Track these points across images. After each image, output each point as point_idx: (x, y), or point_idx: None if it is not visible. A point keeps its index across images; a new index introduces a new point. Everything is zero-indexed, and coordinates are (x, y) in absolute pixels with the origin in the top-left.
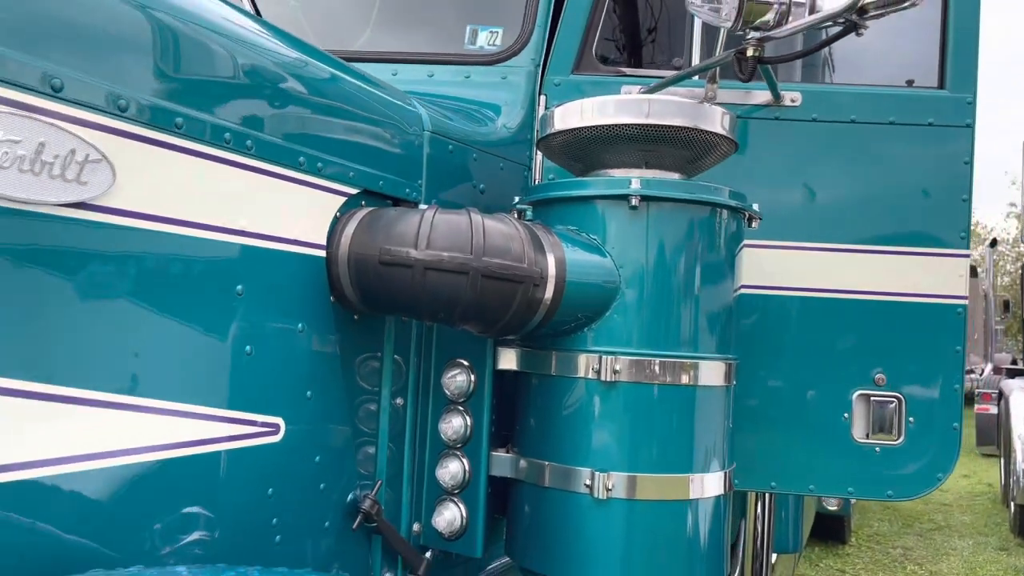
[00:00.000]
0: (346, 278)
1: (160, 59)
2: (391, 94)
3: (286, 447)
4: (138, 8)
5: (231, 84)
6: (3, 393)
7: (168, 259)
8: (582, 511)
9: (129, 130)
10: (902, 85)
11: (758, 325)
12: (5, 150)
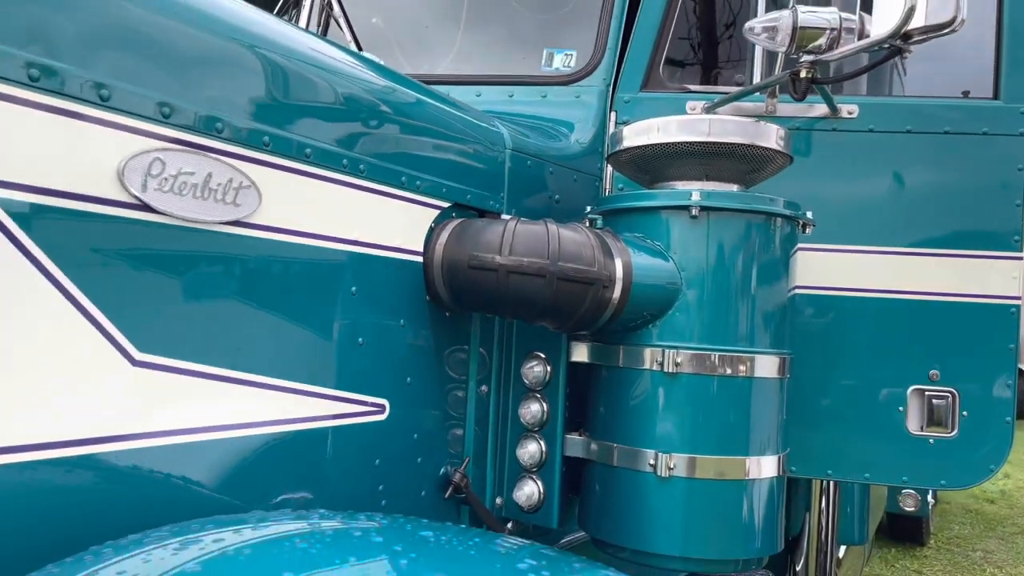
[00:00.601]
0: (439, 280)
1: (293, 101)
2: (477, 117)
3: (390, 425)
4: (278, 62)
5: (347, 118)
6: (180, 373)
7: (300, 265)
8: (647, 488)
9: (271, 160)
10: (958, 96)
11: (819, 324)
12: (183, 180)
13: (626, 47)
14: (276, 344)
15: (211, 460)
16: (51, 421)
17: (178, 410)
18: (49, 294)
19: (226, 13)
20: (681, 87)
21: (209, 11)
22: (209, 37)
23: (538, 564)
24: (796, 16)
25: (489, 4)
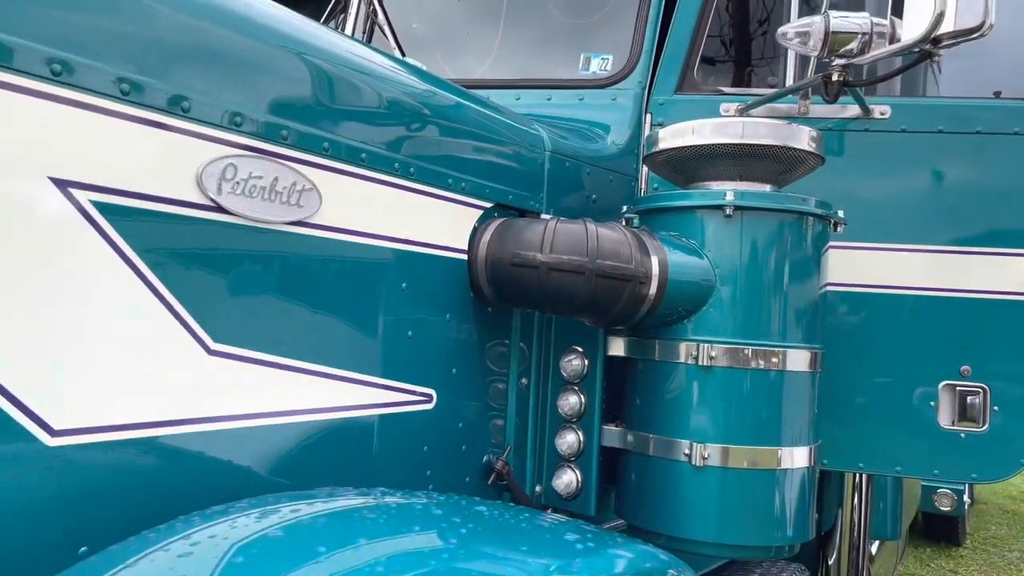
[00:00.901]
0: (483, 277)
1: (349, 108)
2: (517, 120)
3: (437, 413)
4: (335, 72)
5: (398, 123)
6: (250, 362)
7: (356, 263)
8: (682, 476)
9: (329, 164)
10: (990, 97)
11: (853, 320)
12: (253, 183)
13: (661, 51)
14: (334, 336)
15: (276, 442)
16: (138, 404)
17: (247, 396)
18: (136, 287)
19: (289, 28)
20: (715, 89)
21: (275, 26)
22: (274, 51)
23: (583, 537)
24: (828, 21)
25: (527, 10)
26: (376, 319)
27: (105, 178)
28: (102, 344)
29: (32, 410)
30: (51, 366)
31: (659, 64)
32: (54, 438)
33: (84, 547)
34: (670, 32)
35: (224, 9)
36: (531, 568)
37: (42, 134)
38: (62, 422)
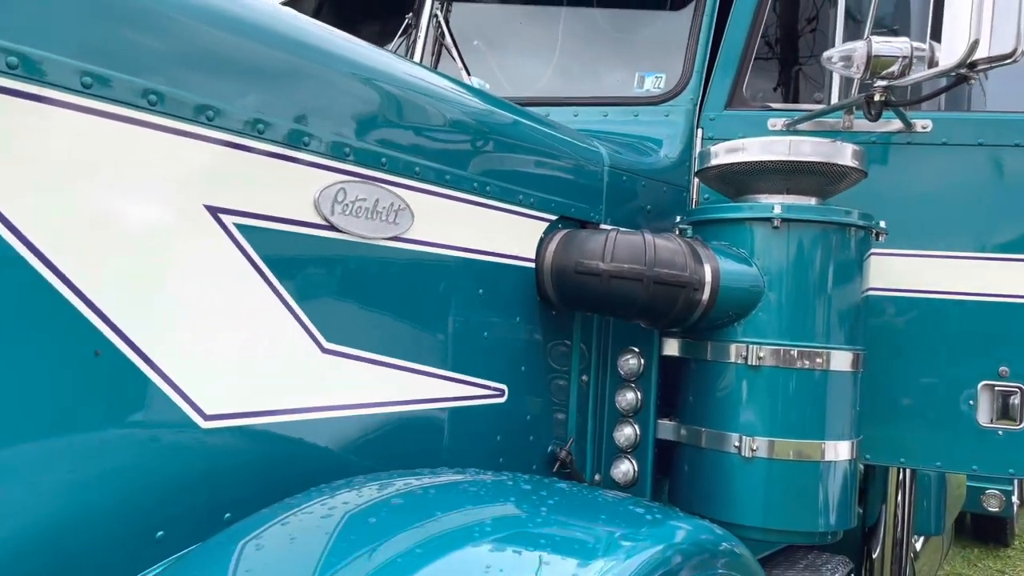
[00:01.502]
0: (549, 283)
1: (435, 136)
2: (578, 138)
3: (508, 407)
4: (423, 104)
5: (476, 147)
6: (356, 359)
7: (441, 272)
8: (731, 467)
9: (420, 186)
10: None
11: (896, 323)
12: (359, 204)
13: (712, 69)
14: (423, 336)
15: (376, 428)
16: (267, 395)
17: (353, 389)
18: (267, 295)
19: (385, 67)
20: (763, 105)
21: (374, 67)
22: (374, 89)
23: (648, 511)
24: (870, 46)
25: (584, 31)
26: (457, 322)
27: (245, 204)
28: (240, 343)
29: (190, 398)
30: (204, 362)
31: (710, 81)
32: (206, 421)
33: (228, 514)
34: (720, 51)
35: (335, 56)
36: (605, 532)
37: (200, 171)
38: (212, 408)
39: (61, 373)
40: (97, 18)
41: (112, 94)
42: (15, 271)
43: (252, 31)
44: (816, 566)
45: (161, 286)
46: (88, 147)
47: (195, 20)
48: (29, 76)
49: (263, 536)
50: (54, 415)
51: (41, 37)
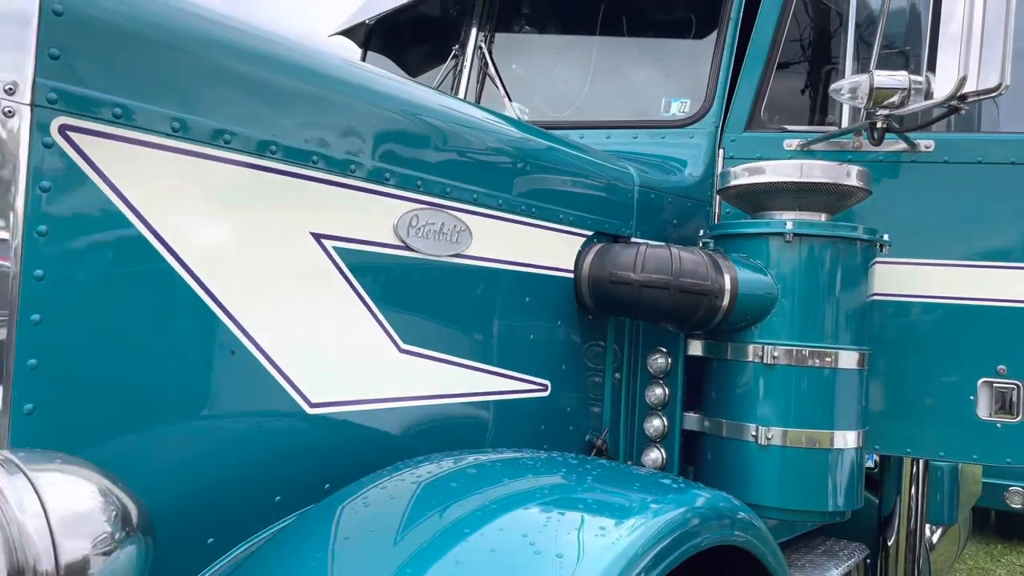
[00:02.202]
0: (586, 291)
1: (487, 167)
2: (611, 161)
3: (551, 400)
4: (479, 140)
5: (524, 175)
6: (426, 358)
7: (495, 283)
8: (749, 454)
9: (477, 211)
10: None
11: (903, 325)
12: (429, 228)
13: (732, 94)
14: (479, 338)
15: (442, 415)
16: (357, 387)
17: (424, 383)
18: (357, 305)
19: (447, 110)
20: (779, 127)
21: (439, 110)
22: (440, 129)
23: (675, 482)
24: (873, 79)
25: (615, 59)
26: (509, 325)
27: (340, 230)
28: (336, 344)
29: (300, 389)
30: (309, 359)
31: (730, 106)
32: (312, 408)
33: (328, 484)
34: (740, 78)
35: (410, 104)
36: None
37: (307, 205)
38: (316, 398)
39: (208, 368)
40: (239, 95)
41: (243, 146)
42: (179, 291)
43: (348, 90)
44: (834, 551)
45: (279, 298)
46: (227, 190)
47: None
48: (187, 137)
49: (368, 496)
50: (203, 399)
51: (199, 108)
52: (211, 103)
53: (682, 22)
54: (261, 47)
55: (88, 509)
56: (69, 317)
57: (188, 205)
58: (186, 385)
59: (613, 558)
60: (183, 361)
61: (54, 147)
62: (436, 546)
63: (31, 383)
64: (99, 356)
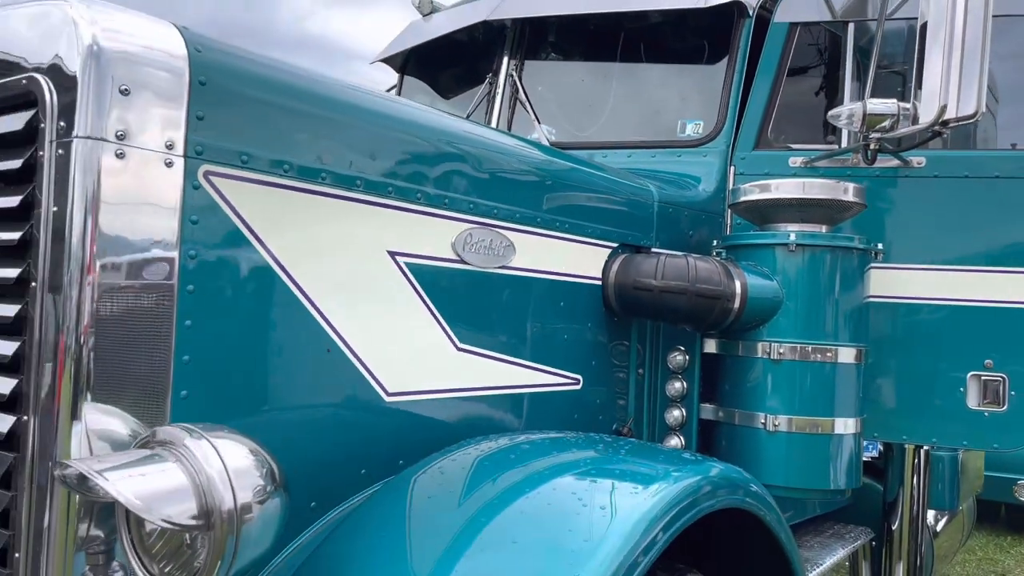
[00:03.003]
0: (612, 296)
1: (529, 190)
2: (633, 180)
3: (583, 393)
4: (520, 167)
5: (559, 195)
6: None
7: (535, 291)
8: (759, 439)
9: (519, 228)
10: (1007, 148)
11: (900, 324)
12: (480, 244)
13: (742, 116)
14: (522, 338)
15: (492, 404)
16: (424, 379)
17: (477, 376)
18: (423, 311)
19: (494, 142)
20: (785, 146)
21: (489, 142)
22: (490, 159)
23: (694, 456)
24: (866, 106)
25: (635, 85)
26: (546, 327)
27: (410, 248)
28: (407, 343)
29: (380, 381)
30: (386, 356)
31: (740, 127)
32: (388, 397)
33: (401, 460)
34: (749, 102)
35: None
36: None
37: (384, 227)
38: (392, 388)
39: (309, 363)
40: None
41: (335, 182)
42: (288, 299)
43: (415, 130)
44: (841, 534)
45: (363, 305)
46: (324, 217)
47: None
48: (293, 176)
49: (442, 466)
50: (305, 388)
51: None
52: (310, 149)
53: (696, 50)
54: (348, 99)
55: (249, 466)
56: (211, 322)
57: (295, 230)
58: (293, 376)
59: (644, 511)
60: (291, 357)
61: (200, 189)
62: (503, 501)
63: (185, 374)
64: (232, 353)
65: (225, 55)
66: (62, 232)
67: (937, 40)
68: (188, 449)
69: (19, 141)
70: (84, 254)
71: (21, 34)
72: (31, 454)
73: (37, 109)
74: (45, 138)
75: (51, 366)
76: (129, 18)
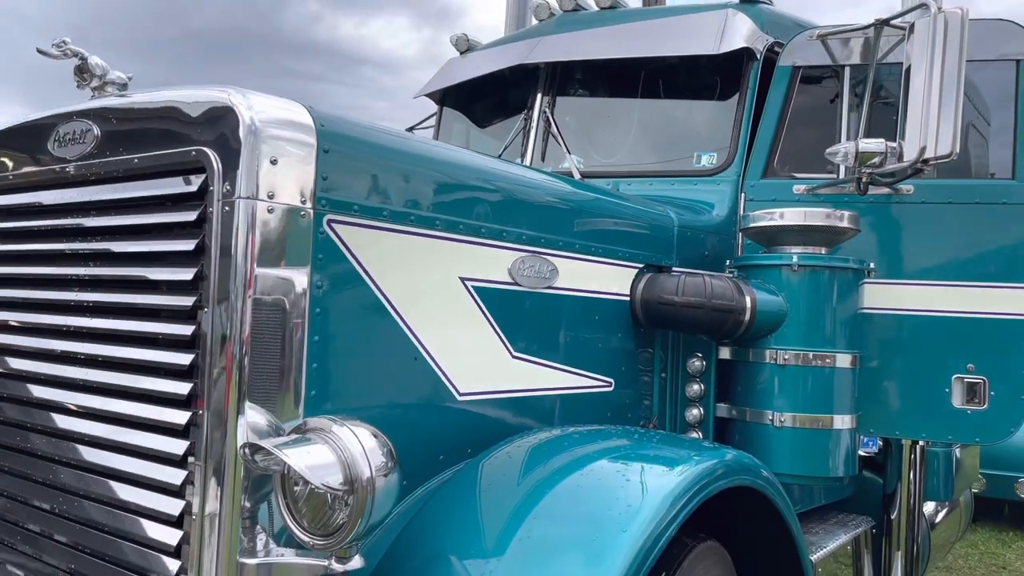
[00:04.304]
0: (639, 310)
1: (569, 222)
2: (656, 208)
3: (614, 394)
4: (560, 204)
5: (592, 224)
6: (530, 362)
7: (574, 307)
8: (767, 434)
9: (562, 254)
10: (987, 177)
11: (893, 334)
12: (530, 269)
13: (751, 149)
14: (564, 347)
15: (542, 403)
16: (486, 382)
17: (529, 380)
18: (487, 326)
19: (540, 185)
20: (789, 175)
21: (535, 185)
22: (537, 200)
23: (712, 444)
24: (858, 145)
25: (656, 120)
26: (583, 337)
27: (476, 274)
28: (473, 351)
29: (454, 383)
30: (458, 362)
31: (750, 158)
32: (460, 396)
33: (469, 448)
34: (757, 136)
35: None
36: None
37: (457, 258)
38: (463, 389)
39: (400, 368)
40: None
41: (419, 222)
42: (387, 317)
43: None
44: (844, 522)
45: (441, 321)
46: (412, 251)
47: (453, 179)
48: (389, 219)
49: (509, 451)
50: (398, 389)
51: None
52: (400, 197)
53: (710, 90)
54: (428, 154)
55: (376, 446)
56: (331, 338)
57: (390, 262)
58: (388, 379)
59: (673, 486)
60: (387, 364)
61: (324, 234)
62: (561, 475)
63: (312, 378)
64: (345, 361)
65: (341, 127)
66: (227, 269)
67: (918, 85)
68: (335, 434)
69: (192, 198)
70: (243, 286)
71: (189, 116)
72: (205, 441)
73: (206, 175)
74: (213, 197)
75: (220, 372)
76: (274, 102)
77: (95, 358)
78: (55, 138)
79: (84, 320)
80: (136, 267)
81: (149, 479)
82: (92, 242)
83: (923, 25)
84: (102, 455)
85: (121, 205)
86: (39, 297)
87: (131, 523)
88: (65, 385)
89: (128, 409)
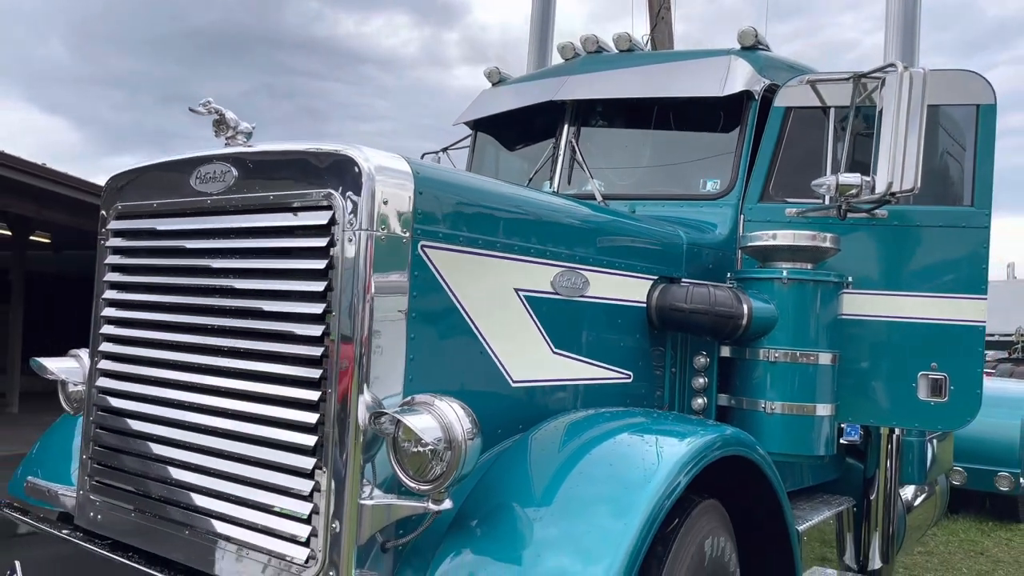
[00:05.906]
0: (654, 315)
1: (597, 241)
2: (668, 227)
3: (632, 385)
4: (591, 227)
5: (614, 243)
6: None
7: (601, 312)
8: (760, 419)
9: (592, 269)
10: (950, 204)
11: (869, 336)
12: (567, 282)
13: (750, 177)
14: (593, 345)
15: (577, 391)
16: (534, 372)
17: (569, 371)
18: (534, 328)
19: (574, 212)
20: (783, 199)
21: (569, 212)
22: (572, 225)
23: (715, 423)
24: (839, 178)
25: (667, 149)
26: (608, 337)
27: (527, 286)
28: (523, 347)
29: (509, 373)
30: (513, 356)
31: (748, 185)
32: (514, 384)
33: (520, 425)
34: (755, 165)
35: (562, 212)
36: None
37: (513, 273)
38: (516, 377)
39: (470, 360)
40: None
41: (483, 245)
42: (462, 323)
43: (528, 206)
44: (828, 501)
45: (500, 322)
46: (478, 269)
47: (507, 210)
48: (463, 244)
49: (554, 427)
50: (468, 377)
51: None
52: (469, 225)
53: (714, 125)
54: (491, 190)
55: (466, 415)
56: (423, 336)
57: (464, 276)
58: (462, 369)
59: (683, 452)
60: (461, 356)
61: (419, 256)
62: (593, 444)
63: (410, 367)
64: (432, 353)
65: (430, 172)
66: (351, 283)
67: (887, 129)
68: (436, 406)
69: (322, 229)
70: (363, 295)
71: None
72: (333, 413)
73: (333, 212)
74: (340, 228)
75: (344, 361)
76: (383, 155)
77: (237, 349)
78: (196, 176)
79: (227, 320)
80: (272, 281)
81: (289, 443)
82: (231, 260)
83: (892, 80)
84: (250, 427)
85: (254, 232)
86: (189, 302)
87: (273, 477)
88: (219, 372)
89: (273, 391)
